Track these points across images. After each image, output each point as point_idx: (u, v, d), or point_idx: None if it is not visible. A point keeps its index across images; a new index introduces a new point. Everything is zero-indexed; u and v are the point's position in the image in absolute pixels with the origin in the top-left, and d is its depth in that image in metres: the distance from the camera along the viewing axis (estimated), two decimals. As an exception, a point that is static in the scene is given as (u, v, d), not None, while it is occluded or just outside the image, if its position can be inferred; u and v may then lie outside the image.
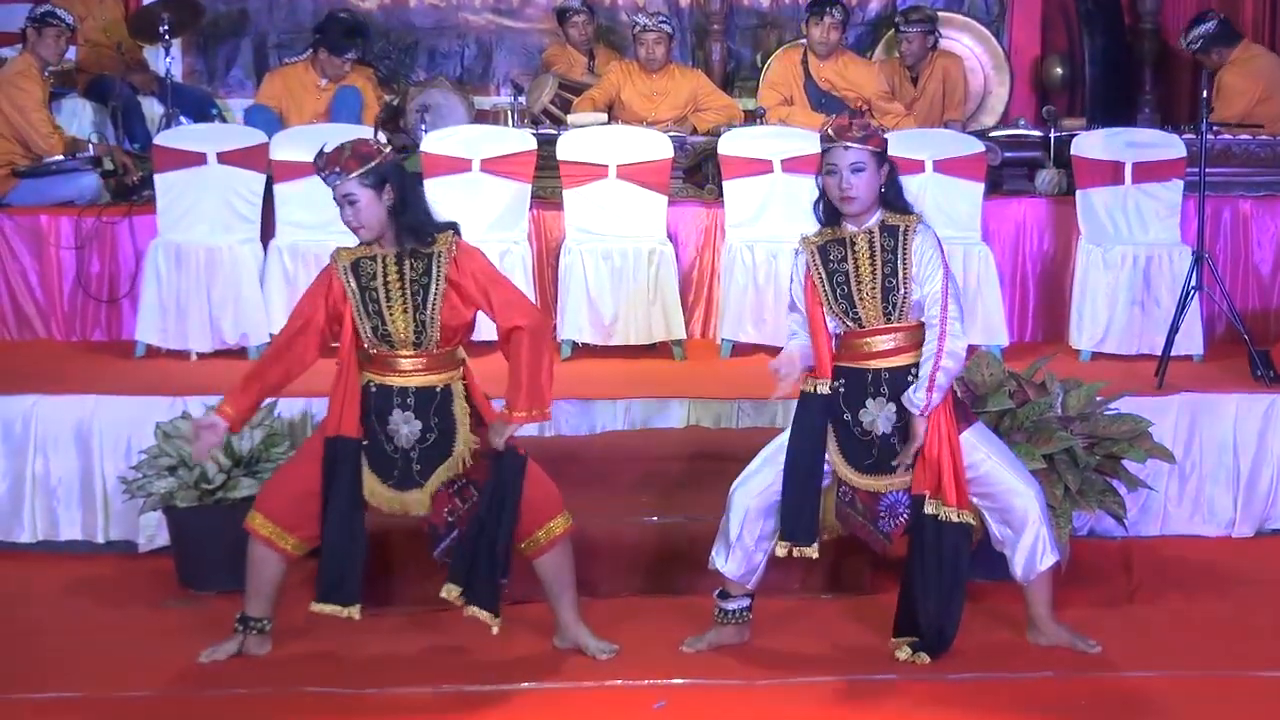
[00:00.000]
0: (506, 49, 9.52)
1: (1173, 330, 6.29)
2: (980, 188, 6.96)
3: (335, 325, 4.46)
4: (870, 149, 4.42)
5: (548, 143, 7.05)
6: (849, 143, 4.41)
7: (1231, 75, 7.96)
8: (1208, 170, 6.54)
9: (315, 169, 4.43)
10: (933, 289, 4.40)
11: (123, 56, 8.43)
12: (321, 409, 4.59)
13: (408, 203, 4.40)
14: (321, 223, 6.27)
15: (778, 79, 8.26)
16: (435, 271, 4.39)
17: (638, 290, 6.72)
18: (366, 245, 4.45)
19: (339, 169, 4.36)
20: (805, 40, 8.19)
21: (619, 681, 4.42)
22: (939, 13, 8.97)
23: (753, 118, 8.01)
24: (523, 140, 7.02)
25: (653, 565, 5.19)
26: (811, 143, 4.87)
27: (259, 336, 6.54)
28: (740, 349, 6.78)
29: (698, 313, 7.28)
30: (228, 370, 6.15)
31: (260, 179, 6.84)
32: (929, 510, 4.44)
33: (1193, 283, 6.37)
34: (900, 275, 4.41)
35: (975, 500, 4.50)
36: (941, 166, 6.92)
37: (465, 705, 4.27)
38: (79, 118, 8.36)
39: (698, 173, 7.52)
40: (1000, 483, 4.50)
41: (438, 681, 4.41)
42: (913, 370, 4.43)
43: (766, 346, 6.58)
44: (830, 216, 4.53)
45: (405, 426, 4.43)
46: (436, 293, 4.38)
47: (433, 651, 4.69)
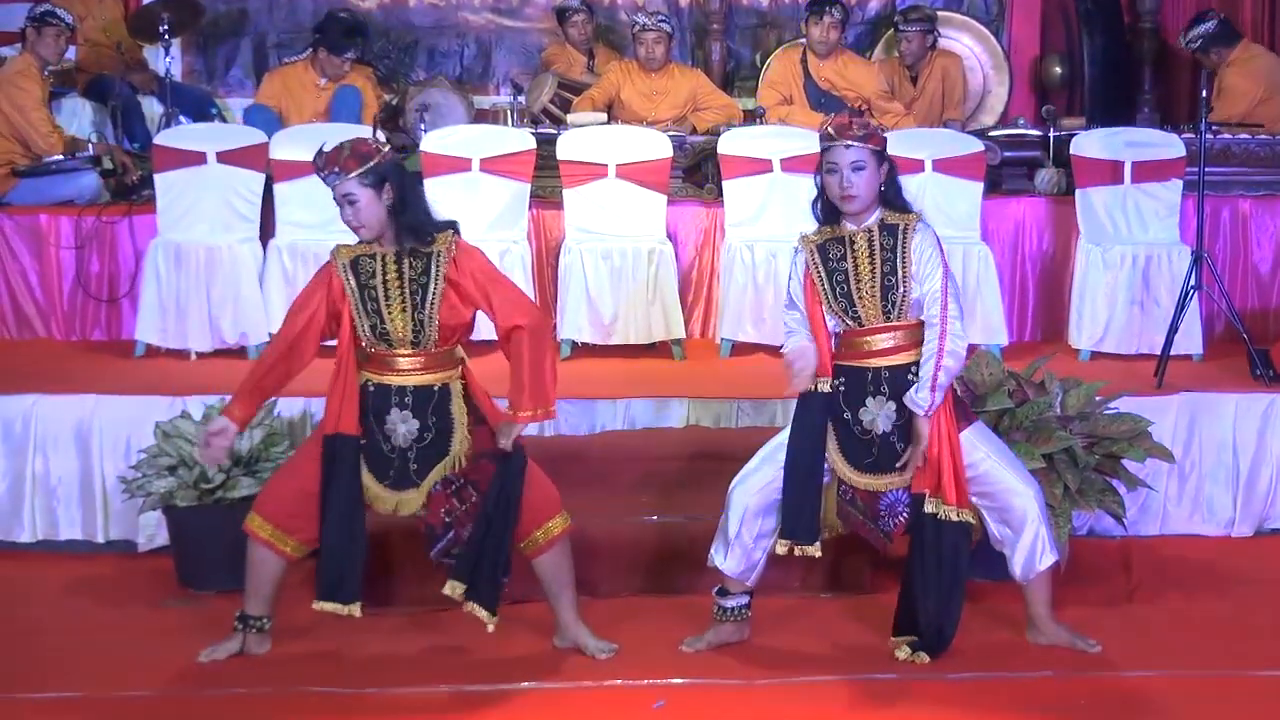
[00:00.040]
0: (506, 48, 9.51)
1: (1172, 330, 6.29)
2: (979, 187, 6.96)
3: (334, 322, 4.46)
4: (871, 147, 4.42)
5: (547, 142, 7.05)
6: (850, 141, 4.40)
7: (1233, 76, 7.95)
8: (1207, 170, 6.53)
9: (314, 168, 4.42)
10: (932, 287, 4.40)
11: (122, 56, 8.42)
12: (320, 409, 4.59)
13: (407, 202, 4.40)
14: (321, 222, 6.28)
15: (777, 78, 8.27)
16: (434, 271, 4.39)
17: (637, 290, 6.72)
18: (366, 244, 4.45)
19: (338, 168, 4.35)
20: (805, 40, 8.19)
21: (618, 681, 4.42)
22: (938, 12, 8.97)
23: (752, 117, 8.01)
24: (522, 140, 7.02)
25: (652, 565, 5.19)
26: (811, 142, 4.87)
27: (258, 336, 6.53)
28: (740, 348, 6.78)
29: (697, 312, 7.27)
30: (227, 370, 6.15)
31: (260, 178, 6.84)
32: (929, 509, 4.44)
33: (1192, 282, 6.37)
34: (900, 274, 4.41)
35: (974, 499, 4.50)
36: (941, 166, 6.91)
37: (465, 705, 4.27)
38: (78, 117, 8.35)
39: (697, 172, 7.51)
40: (999, 482, 4.50)
41: (437, 681, 4.41)
42: (912, 368, 4.43)
43: (766, 346, 6.59)
44: (829, 215, 4.52)
45: (403, 425, 4.43)
46: (435, 292, 4.37)
47: (432, 651, 4.69)
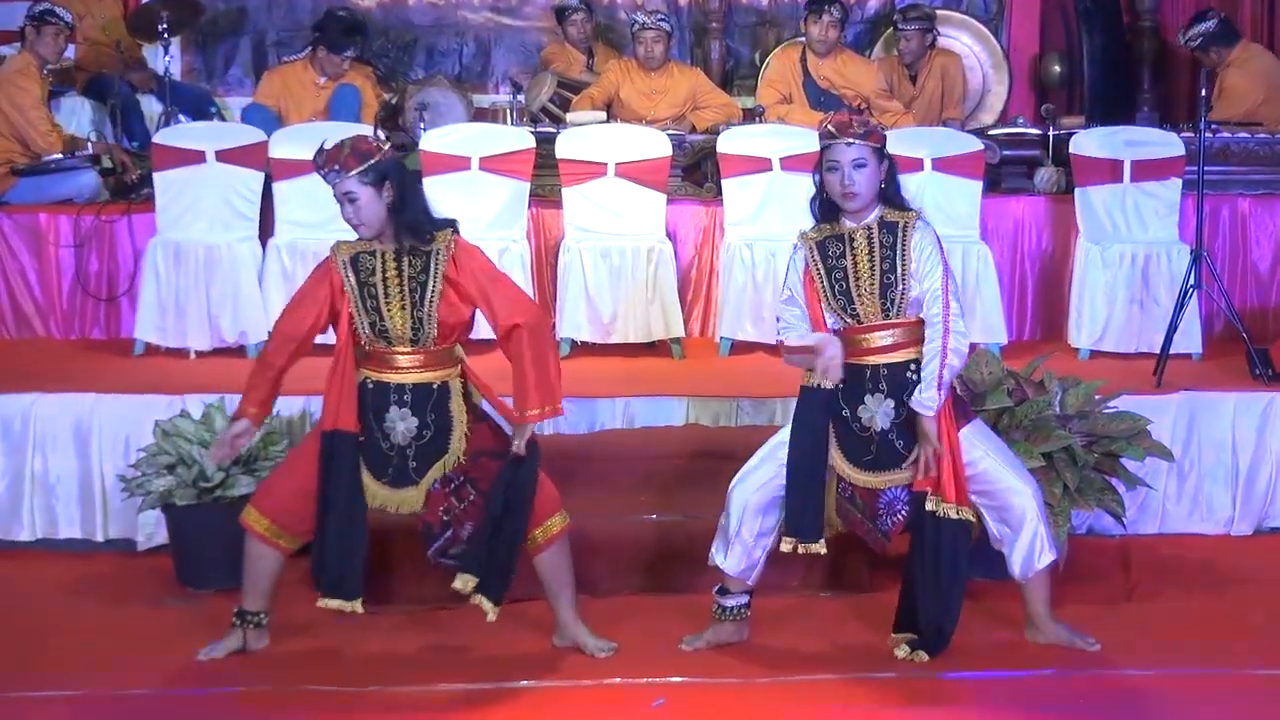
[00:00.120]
0: (505, 47, 9.51)
1: (1171, 328, 6.29)
2: (979, 186, 6.95)
3: (332, 318, 4.47)
4: (872, 145, 4.42)
5: (546, 141, 7.05)
6: (851, 139, 4.40)
7: (1233, 77, 7.95)
8: (1206, 168, 6.53)
9: (315, 166, 4.42)
10: (932, 285, 4.39)
11: (122, 55, 8.42)
12: (319, 407, 4.58)
13: (407, 200, 4.40)
14: (320, 221, 6.27)
15: (776, 77, 8.27)
16: (433, 269, 4.39)
17: (636, 288, 6.72)
18: (366, 241, 4.45)
19: (339, 166, 4.35)
20: (804, 38, 8.20)
21: (618, 680, 4.42)
22: (938, 11, 8.97)
23: (751, 116, 8.00)
24: (521, 138, 7.01)
25: (651, 563, 5.19)
26: (810, 141, 4.87)
27: (258, 335, 6.53)
28: (739, 347, 6.78)
29: (696, 311, 7.27)
30: (226, 368, 6.16)
31: (259, 177, 6.84)
32: (929, 507, 4.44)
33: (1191, 281, 6.37)
34: (899, 271, 4.41)
35: (973, 498, 4.49)
36: (940, 165, 6.91)
37: (464, 703, 4.27)
38: (78, 116, 8.34)
39: (696, 171, 7.51)
40: (998, 481, 4.49)
41: (437, 679, 4.41)
42: (911, 366, 4.43)
43: (765, 345, 6.59)
44: (828, 213, 4.52)
45: (402, 423, 4.43)
46: (434, 290, 4.37)
47: (432, 649, 4.69)
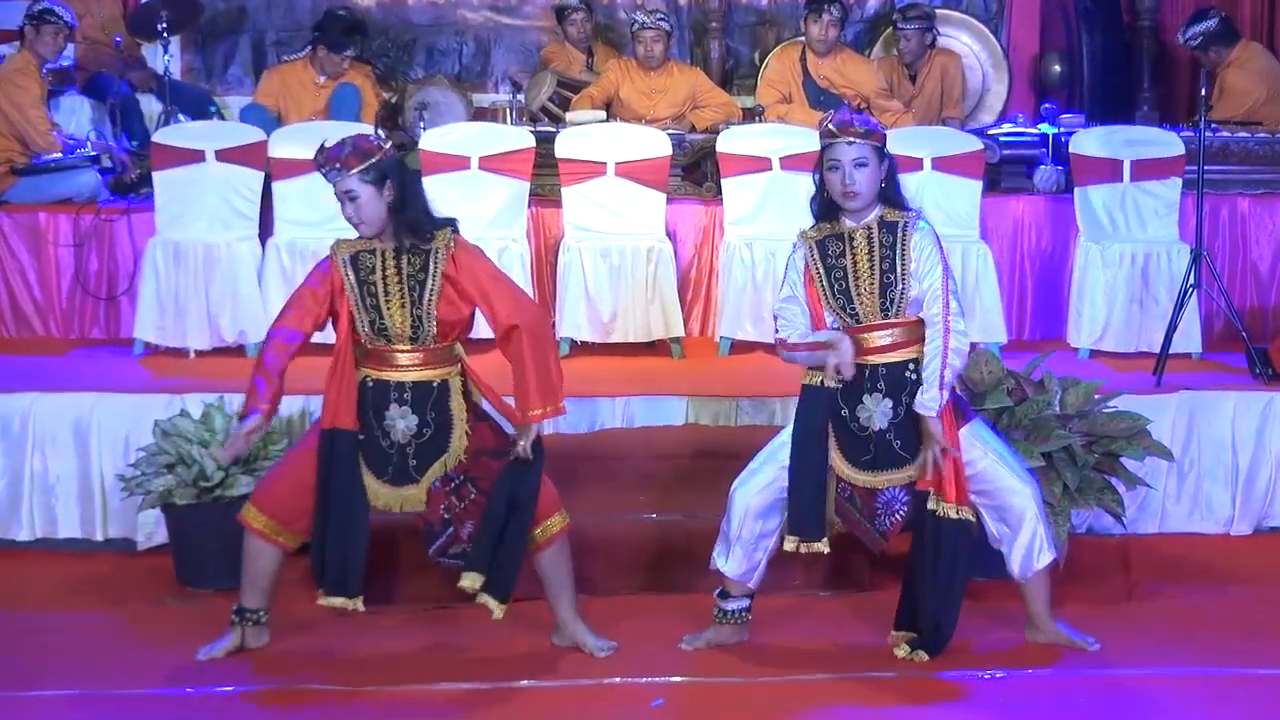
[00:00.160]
0: (505, 46, 9.49)
1: (1171, 328, 6.29)
2: (978, 185, 6.95)
3: (332, 316, 4.47)
4: (873, 144, 4.42)
5: (546, 140, 7.04)
6: (852, 138, 4.40)
7: (1234, 77, 7.94)
8: (1206, 168, 6.53)
9: (316, 165, 4.42)
10: (932, 285, 4.39)
11: (121, 54, 8.41)
12: (319, 406, 4.58)
13: (408, 199, 4.41)
14: (320, 220, 6.28)
15: (776, 76, 8.26)
16: (432, 267, 4.39)
17: (636, 288, 6.71)
18: (366, 240, 4.45)
19: (340, 165, 4.36)
20: (804, 38, 8.19)
21: (617, 679, 4.42)
22: (937, 10, 8.95)
23: (751, 115, 8.00)
24: (521, 138, 7.01)
25: (651, 563, 5.19)
26: (810, 140, 4.86)
27: (257, 334, 6.51)
28: (739, 346, 6.77)
29: (696, 310, 7.26)
30: (226, 368, 6.16)
31: (258, 177, 6.83)
32: (929, 506, 4.44)
33: (1191, 280, 6.36)
34: (899, 271, 4.41)
35: (972, 498, 4.48)
36: (940, 164, 6.90)
37: (464, 702, 4.27)
38: (77, 115, 8.33)
39: (696, 170, 7.50)
40: (997, 480, 4.49)
41: (437, 679, 4.41)
42: (910, 366, 4.42)
43: (765, 344, 6.57)
44: (827, 212, 4.51)
45: (402, 421, 4.43)
46: (433, 288, 4.38)
47: (432, 649, 4.69)
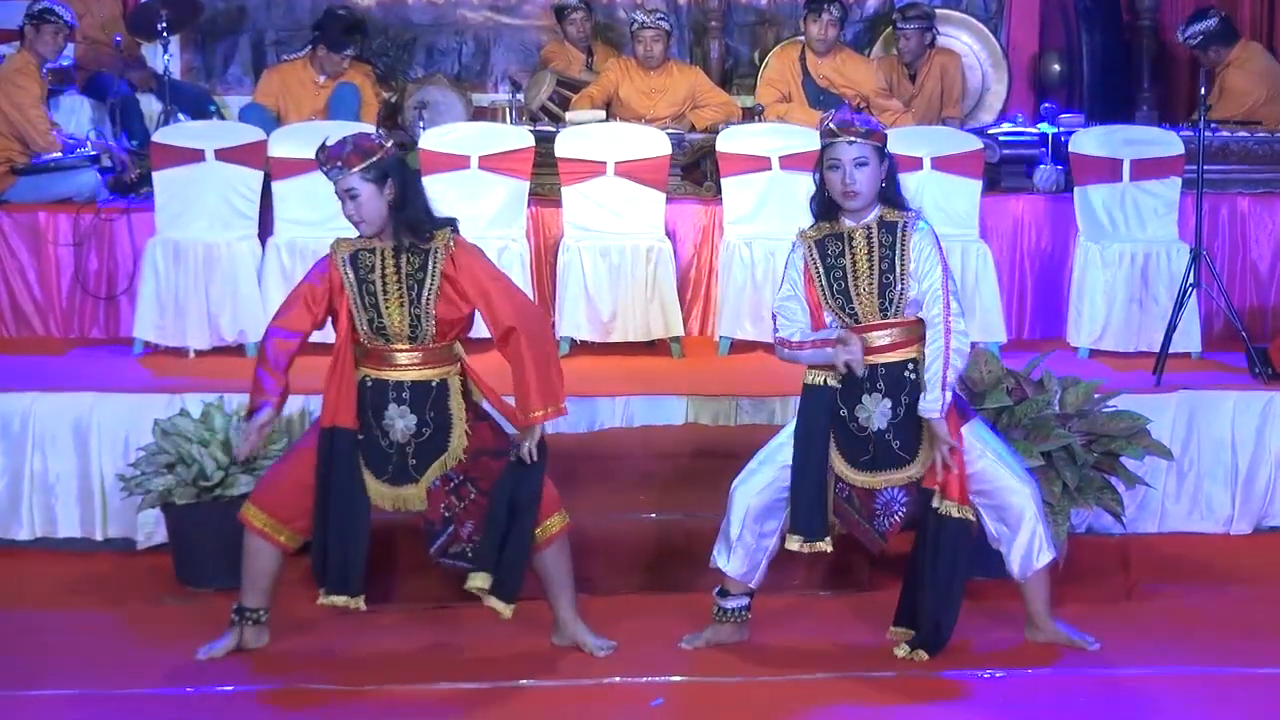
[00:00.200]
0: (504, 46, 9.49)
1: (1171, 327, 6.29)
2: (978, 185, 6.95)
3: (331, 315, 4.47)
4: (873, 143, 4.41)
5: (546, 140, 7.04)
6: (853, 137, 4.39)
7: (1234, 77, 7.94)
8: (1206, 167, 6.53)
9: (318, 162, 4.42)
10: (932, 285, 4.38)
11: (121, 53, 8.41)
12: (318, 406, 4.59)
13: (408, 198, 4.41)
14: (320, 219, 6.28)
15: (776, 76, 8.26)
16: (431, 266, 4.39)
17: (636, 287, 6.71)
18: (366, 238, 4.45)
19: (341, 163, 4.36)
20: (803, 37, 8.18)
21: (617, 678, 4.42)
22: (937, 10, 8.95)
23: (751, 115, 8.00)
24: (521, 137, 7.01)
25: (651, 562, 5.19)
26: (810, 140, 4.87)
27: (257, 334, 6.49)
28: (738, 346, 6.77)
29: (696, 310, 7.26)
30: (226, 367, 6.16)
31: (258, 176, 6.83)
32: (933, 504, 4.44)
33: (1191, 280, 6.36)
34: (898, 271, 4.40)
35: (971, 497, 4.48)
36: (940, 164, 6.90)
37: (464, 702, 4.27)
38: (77, 115, 8.33)
39: (696, 170, 7.50)
40: (996, 480, 4.49)
41: (436, 678, 4.41)
42: (909, 366, 4.42)
43: (765, 344, 6.56)
44: (826, 211, 4.51)
45: (401, 421, 4.43)
46: (432, 287, 4.38)
47: (432, 648, 4.69)
